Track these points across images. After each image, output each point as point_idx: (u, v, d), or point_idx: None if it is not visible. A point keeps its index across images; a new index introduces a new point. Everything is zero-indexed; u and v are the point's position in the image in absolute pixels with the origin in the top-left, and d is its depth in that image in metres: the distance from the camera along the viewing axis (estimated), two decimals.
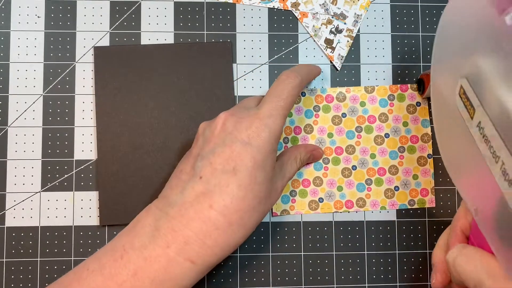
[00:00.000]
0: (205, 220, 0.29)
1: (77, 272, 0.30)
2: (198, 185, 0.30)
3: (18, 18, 0.39)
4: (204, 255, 0.29)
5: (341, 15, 0.40)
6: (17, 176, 0.38)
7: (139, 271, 0.28)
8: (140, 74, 0.38)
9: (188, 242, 0.29)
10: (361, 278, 0.39)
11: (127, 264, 0.29)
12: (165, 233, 0.29)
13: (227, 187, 0.29)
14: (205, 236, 0.29)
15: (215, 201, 0.29)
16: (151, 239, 0.29)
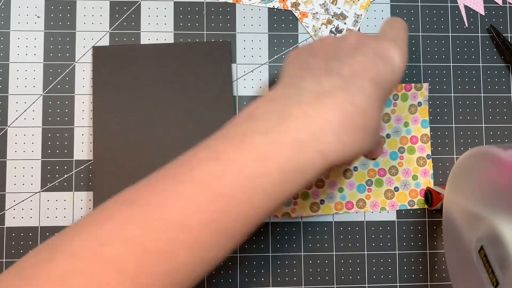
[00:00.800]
0: (346, 114, 0.24)
1: (184, 161, 0.25)
2: (338, 80, 0.25)
3: (18, 18, 0.39)
4: (336, 151, 0.24)
5: (341, 15, 0.40)
6: (17, 176, 0.38)
7: (265, 156, 0.23)
8: (139, 73, 0.38)
9: (323, 131, 0.24)
10: (361, 278, 0.39)
11: (249, 148, 0.23)
12: (297, 117, 0.24)
13: (367, 90, 0.25)
14: (342, 130, 0.24)
15: (356, 99, 0.24)
16: (280, 122, 0.24)
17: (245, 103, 0.39)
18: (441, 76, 0.40)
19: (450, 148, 0.40)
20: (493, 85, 0.41)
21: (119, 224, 0.22)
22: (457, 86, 0.40)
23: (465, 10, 0.41)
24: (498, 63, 0.41)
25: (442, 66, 0.40)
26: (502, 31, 0.41)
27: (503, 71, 0.41)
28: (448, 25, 0.41)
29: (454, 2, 0.41)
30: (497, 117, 0.40)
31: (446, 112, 0.40)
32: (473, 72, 0.41)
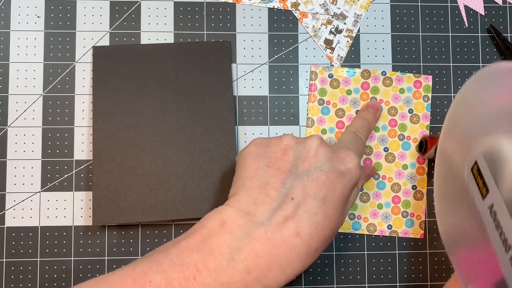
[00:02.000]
0: (291, 249, 0.27)
1: (137, 280, 0.27)
2: (289, 206, 0.28)
3: (18, 18, 0.39)
4: (280, 282, 0.27)
5: (341, 15, 0.40)
6: (17, 176, 0.38)
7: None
8: (139, 73, 0.38)
9: (270, 269, 0.27)
10: (361, 278, 0.39)
11: (200, 287, 0.26)
12: (247, 257, 0.27)
13: (315, 215, 0.28)
14: (287, 265, 0.27)
15: (302, 229, 0.28)
16: (230, 262, 0.27)
17: (245, 103, 0.39)
18: (441, 76, 0.40)
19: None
20: None
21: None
22: (457, 86, 0.40)
23: (465, 10, 0.41)
24: None
25: (442, 66, 0.41)
26: (502, 31, 0.41)
27: None
28: (448, 25, 0.41)
29: (454, 2, 0.41)
30: None
31: (446, 112, 0.40)
32: (473, 72, 0.41)
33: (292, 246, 0.27)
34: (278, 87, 0.40)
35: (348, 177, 0.30)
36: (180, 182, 0.37)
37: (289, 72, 0.40)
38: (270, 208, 0.28)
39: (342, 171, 0.29)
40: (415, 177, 0.39)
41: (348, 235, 0.39)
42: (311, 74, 0.40)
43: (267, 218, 0.28)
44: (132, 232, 0.38)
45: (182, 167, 0.37)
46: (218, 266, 0.26)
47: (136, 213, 0.37)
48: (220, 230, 0.28)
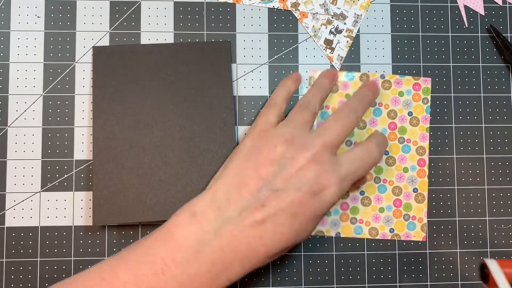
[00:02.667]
0: (253, 249, 0.29)
1: (106, 279, 0.28)
2: (259, 212, 0.30)
3: (18, 18, 0.39)
4: (239, 275, 0.30)
5: (341, 15, 0.40)
6: (17, 176, 0.38)
7: (184, 285, 0.28)
8: (139, 73, 0.38)
9: (232, 264, 0.29)
10: (361, 278, 0.39)
11: (169, 280, 0.28)
12: (212, 251, 0.29)
13: (282, 227, 0.30)
14: (247, 262, 0.30)
15: (266, 234, 0.30)
16: (196, 255, 0.28)
17: (245, 103, 0.39)
18: (441, 76, 0.40)
19: (450, 148, 0.40)
20: (493, 85, 0.41)
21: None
22: (457, 86, 0.40)
23: (465, 10, 0.41)
24: (498, 63, 0.41)
25: (442, 66, 0.41)
26: (502, 31, 0.41)
27: (503, 71, 0.41)
28: (448, 25, 0.41)
29: (454, 2, 0.41)
30: (497, 117, 0.40)
31: (446, 112, 0.40)
32: (473, 72, 0.41)
33: (254, 247, 0.29)
34: None
35: (323, 202, 0.31)
36: (180, 182, 0.37)
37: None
38: (240, 208, 0.30)
39: (319, 195, 0.31)
40: (416, 180, 0.39)
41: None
42: (309, 79, 0.40)
43: (236, 216, 0.29)
44: (132, 232, 0.38)
45: (182, 167, 0.37)
46: (185, 259, 0.28)
47: (136, 213, 0.37)
48: (189, 222, 0.29)
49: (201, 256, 0.28)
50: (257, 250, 0.30)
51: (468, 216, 0.39)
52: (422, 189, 0.39)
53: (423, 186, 0.39)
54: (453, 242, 0.39)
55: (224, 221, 0.29)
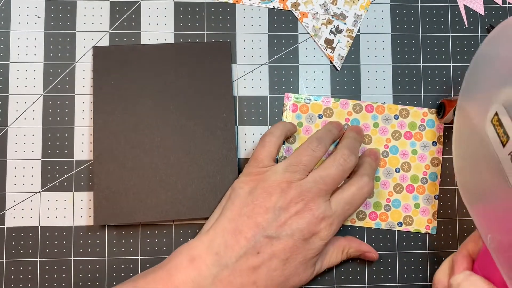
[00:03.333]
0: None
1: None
2: (254, 259, 0.31)
3: (18, 18, 0.39)
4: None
5: (341, 15, 0.40)
6: (17, 176, 0.38)
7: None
8: (139, 73, 0.38)
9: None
10: (361, 278, 0.39)
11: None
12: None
13: (274, 272, 0.31)
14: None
15: (259, 280, 0.31)
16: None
17: (245, 103, 0.39)
18: (441, 76, 0.40)
19: (449, 148, 0.40)
20: None
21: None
22: (457, 87, 0.40)
23: (465, 10, 0.41)
24: None
25: (442, 66, 0.41)
26: None
27: None
28: (448, 25, 0.41)
29: (454, 2, 0.41)
30: None
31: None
32: None
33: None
34: (278, 87, 0.40)
35: (314, 245, 0.32)
36: (180, 182, 0.37)
37: (289, 72, 0.40)
38: (237, 254, 0.31)
39: (309, 240, 0.32)
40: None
41: (348, 235, 0.39)
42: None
43: (233, 262, 0.31)
44: (132, 232, 0.38)
45: (182, 168, 0.37)
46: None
47: (136, 213, 0.37)
48: (188, 266, 0.31)
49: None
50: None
51: (467, 216, 0.39)
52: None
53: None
54: (453, 242, 0.39)
55: (222, 267, 0.31)
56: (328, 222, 0.32)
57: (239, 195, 0.34)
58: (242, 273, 0.31)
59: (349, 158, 0.34)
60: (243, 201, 0.33)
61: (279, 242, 0.31)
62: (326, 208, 0.33)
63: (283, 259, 0.31)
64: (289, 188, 0.33)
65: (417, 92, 0.40)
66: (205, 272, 0.31)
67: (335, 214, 0.33)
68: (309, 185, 0.33)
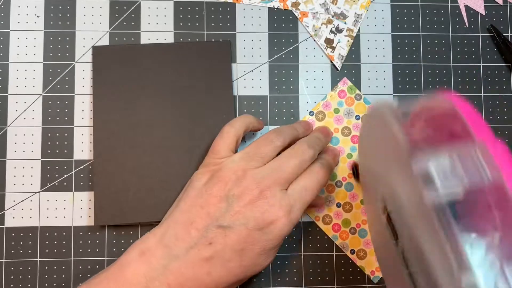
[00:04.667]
0: (200, 283, 0.30)
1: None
2: (206, 250, 0.30)
3: (18, 18, 0.39)
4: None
5: (341, 14, 0.40)
6: (16, 176, 0.38)
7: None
8: (139, 73, 0.38)
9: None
10: (361, 278, 0.39)
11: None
12: (160, 286, 0.29)
13: (229, 263, 0.31)
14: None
15: (214, 270, 0.30)
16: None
17: (245, 103, 0.39)
18: (441, 76, 0.40)
19: None
20: (493, 85, 0.41)
21: None
22: (457, 86, 0.40)
23: (465, 10, 0.41)
24: (498, 63, 0.41)
25: (442, 66, 0.40)
26: (503, 31, 0.41)
27: (503, 71, 0.41)
28: (448, 25, 0.41)
29: (454, 2, 0.41)
30: (497, 117, 0.40)
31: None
32: (473, 72, 0.41)
33: (201, 282, 0.30)
34: (278, 87, 0.40)
35: (272, 235, 0.31)
36: (180, 182, 0.37)
37: (289, 72, 0.40)
38: (188, 246, 0.30)
39: (266, 230, 0.31)
40: None
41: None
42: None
43: (183, 254, 0.30)
44: (132, 232, 0.38)
45: (182, 168, 0.37)
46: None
47: (137, 213, 0.37)
48: (138, 259, 0.30)
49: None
50: (205, 284, 0.30)
51: None
52: None
53: None
54: None
55: (172, 258, 0.30)
56: (285, 210, 0.31)
57: (195, 187, 0.33)
58: (194, 265, 0.30)
59: (307, 150, 0.33)
60: (197, 192, 0.32)
61: (232, 232, 0.30)
62: (282, 196, 0.31)
63: (237, 249, 0.30)
64: (244, 175, 0.31)
65: (417, 92, 0.40)
66: (155, 264, 0.30)
67: (291, 202, 0.32)
68: (265, 173, 0.32)
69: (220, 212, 0.31)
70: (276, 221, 0.31)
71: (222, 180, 0.32)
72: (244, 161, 0.32)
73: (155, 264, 0.30)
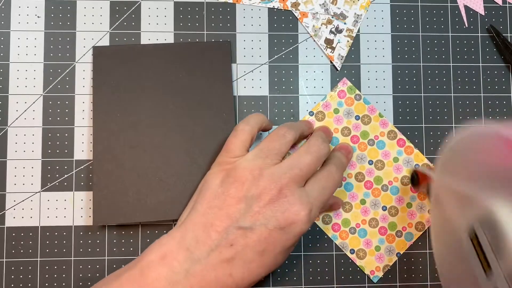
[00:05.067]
0: (222, 286, 0.30)
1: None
2: (228, 252, 0.30)
3: (18, 18, 0.39)
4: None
5: (341, 15, 0.40)
6: (17, 176, 0.38)
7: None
8: (139, 73, 0.38)
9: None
10: (361, 278, 0.39)
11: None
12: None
13: (250, 264, 0.30)
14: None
15: (236, 272, 0.30)
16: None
17: (245, 103, 0.39)
18: (441, 76, 0.40)
19: None
20: (493, 85, 0.41)
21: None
22: (457, 86, 0.40)
23: (465, 10, 0.41)
24: (498, 63, 0.41)
25: (442, 66, 0.41)
26: (502, 31, 0.41)
27: (503, 71, 0.41)
28: (448, 25, 0.41)
29: (454, 2, 0.41)
30: (497, 117, 0.40)
31: (446, 112, 0.40)
32: (473, 72, 0.41)
33: (223, 283, 0.30)
34: (278, 87, 0.40)
35: (292, 234, 0.31)
36: (180, 182, 0.37)
37: (289, 72, 0.40)
38: (209, 248, 0.30)
39: (287, 229, 0.31)
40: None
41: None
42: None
43: (205, 257, 0.30)
44: (132, 232, 0.38)
45: (182, 167, 0.37)
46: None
47: (136, 213, 0.37)
48: (159, 263, 0.30)
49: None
50: (227, 286, 0.30)
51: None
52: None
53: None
54: None
55: (194, 262, 0.30)
56: (305, 208, 0.31)
57: (210, 188, 0.32)
58: (216, 267, 0.30)
59: (322, 145, 0.33)
60: (214, 193, 0.32)
61: (253, 233, 0.30)
62: (301, 194, 0.31)
63: (259, 250, 0.30)
64: (261, 175, 0.31)
65: (417, 92, 0.40)
66: (177, 268, 0.29)
67: (310, 200, 0.31)
68: (282, 171, 0.31)
69: (240, 213, 0.30)
70: (297, 220, 0.31)
71: (238, 180, 0.31)
72: (259, 159, 0.32)
73: (178, 268, 0.30)
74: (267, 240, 0.30)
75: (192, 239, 0.30)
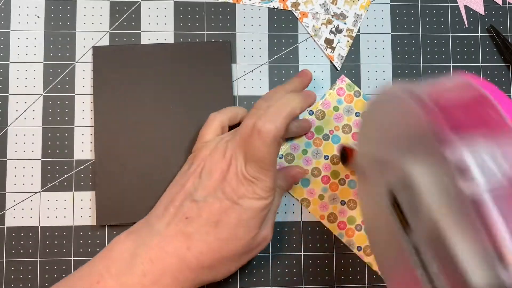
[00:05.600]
0: (181, 259, 0.31)
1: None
2: (183, 224, 0.31)
3: (18, 18, 0.39)
4: (175, 287, 0.31)
5: (341, 15, 0.40)
6: (17, 176, 0.38)
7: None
8: (139, 73, 0.38)
9: (163, 274, 0.30)
10: (361, 278, 0.39)
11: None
12: (143, 261, 0.30)
13: (206, 236, 0.31)
14: (178, 272, 0.31)
15: (193, 245, 0.31)
16: (128, 266, 0.30)
17: (245, 103, 0.39)
18: (441, 76, 0.40)
19: None
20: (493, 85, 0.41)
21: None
22: None
23: (465, 10, 0.41)
24: (498, 63, 0.41)
25: (442, 66, 0.41)
26: (502, 31, 0.41)
27: (503, 71, 0.41)
28: (448, 25, 0.41)
29: (454, 2, 0.41)
30: None
31: None
32: (473, 72, 0.41)
33: (182, 258, 0.30)
34: None
35: (245, 206, 0.31)
36: None
37: (289, 72, 0.40)
38: (167, 221, 0.31)
39: (236, 200, 0.31)
40: None
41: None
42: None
43: (163, 230, 0.31)
44: None
45: None
46: (119, 270, 0.30)
47: (138, 213, 0.37)
48: (125, 238, 0.32)
49: (132, 267, 0.30)
50: (188, 261, 0.31)
51: None
52: None
53: None
54: None
55: (153, 234, 0.31)
56: (261, 182, 0.31)
57: (181, 171, 0.34)
58: (173, 239, 0.31)
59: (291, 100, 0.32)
60: (180, 173, 0.34)
61: (205, 205, 0.31)
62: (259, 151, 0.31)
63: (213, 222, 0.31)
64: (216, 149, 0.32)
65: None
66: (138, 241, 0.31)
67: (266, 179, 0.31)
68: (230, 142, 0.32)
69: (194, 187, 0.32)
70: (245, 193, 0.31)
71: (199, 157, 0.33)
72: (219, 137, 0.34)
73: (139, 241, 0.31)
74: (219, 212, 0.31)
75: (155, 216, 0.32)
